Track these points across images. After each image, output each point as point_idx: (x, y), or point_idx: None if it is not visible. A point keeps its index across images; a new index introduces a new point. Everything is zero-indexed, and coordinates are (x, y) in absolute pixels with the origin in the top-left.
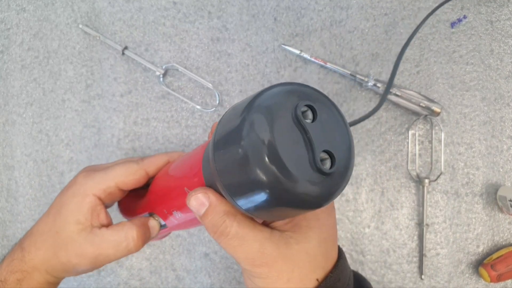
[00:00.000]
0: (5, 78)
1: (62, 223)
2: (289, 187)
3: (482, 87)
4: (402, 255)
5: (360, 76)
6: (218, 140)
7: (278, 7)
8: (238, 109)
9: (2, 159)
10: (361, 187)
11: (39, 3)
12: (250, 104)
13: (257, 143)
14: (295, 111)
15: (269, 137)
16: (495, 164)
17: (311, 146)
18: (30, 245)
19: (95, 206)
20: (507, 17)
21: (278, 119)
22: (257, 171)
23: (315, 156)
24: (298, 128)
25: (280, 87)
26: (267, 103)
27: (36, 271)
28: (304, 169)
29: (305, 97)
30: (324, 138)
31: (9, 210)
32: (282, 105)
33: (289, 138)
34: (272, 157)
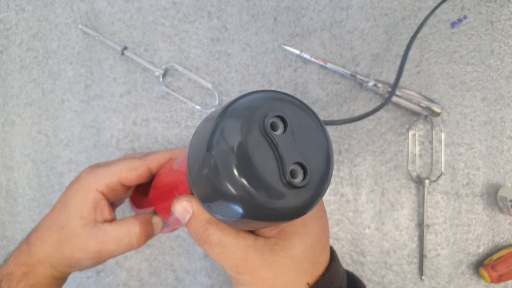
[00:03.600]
0: (4, 79)
1: (66, 217)
2: (260, 202)
3: (482, 87)
4: (402, 256)
5: (360, 77)
6: (191, 151)
7: (278, 7)
8: (209, 120)
9: (1, 159)
10: (361, 188)
11: (38, 3)
12: (221, 115)
13: (225, 155)
14: (262, 122)
15: (239, 149)
16: (495, 165)
17: (280, 159)
18: (36, 239)
19: (98, 201)
20: (507, 17)
21: (249, 131)
22: (226, 184)
23: (284, 170)
24: (267, 141)
25: (252, 95)
26: (237, 114)
27: (41, 265)
28: (275, 183)
29: (275, 107)
30: (296, 149)
31: (8, 211)
32: (252, 117)
33: (259, 151)
34: (241, 170)
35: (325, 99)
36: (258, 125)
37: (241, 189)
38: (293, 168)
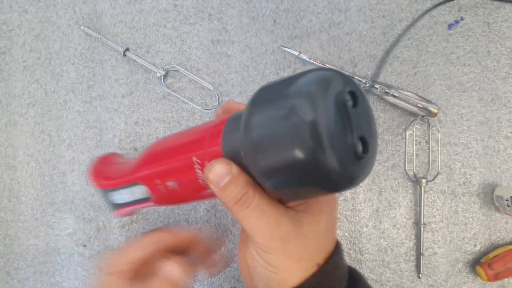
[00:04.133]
0: (7, 79)
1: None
2: (326, 166)
3: (479, 88)
4: (399, 254)
5: (358, 78)
6: (256, 116)
7: (277, 9)
8: (280, 88)
9: (4, 159)
10: (358, 187)
11: (41, 5)
12: (296, 84)
13: (301, 121)
14: (341, 95)
15: (314, 116)
16: (492, 164)
17: (351, 131)
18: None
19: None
20: (504, 18)
21: (327, 101)
22: (298, 148)
23: (353, 141)
24: (341, 112)
25: (322, 72)
26: (312, 86)
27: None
28: (341, 151)
29: (348, 84)
30: (360, 124)
31: (11, 210)
32: (328, 88)
33: (332, 120)
34: (314, 136)
35: None
36: (335, 97)
37: (312, 152)
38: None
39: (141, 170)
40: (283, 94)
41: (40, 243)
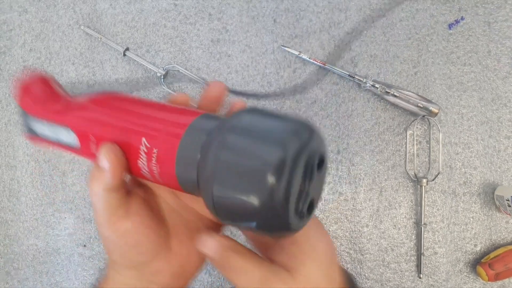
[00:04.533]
0: (7, 79)
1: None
2: (272, 222)
3: (479, 87)
4: (400, 253)
5: (358, 77)
6: (226, 151)
7: (278, 9)
8: (262, 128)
9: (4, 159)
10: (359, 187)
11: (41, 5)
12: (278, 131)
13: (266, 178)
14: (313, 159)
15: (280, 176)
16: (492, 164)
17: (306, 196)
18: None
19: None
20: (504, 18)
21: (295, 163)
22: (254, 200)
23: (304, 205)
24: (305, 177)
25: (306, 129)
26: (291, 143)
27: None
28: (290, 213)
29: (321, 147)
30: (315, 187)
31: (11, 210)
32: (304, 150)
33: (294, 184)
34: (274, 195)
35: (324, 99)
36: (306, 160)
37: (268, 211)
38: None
39: (79, 116)
40: (261, 138)
41: (40, 243)
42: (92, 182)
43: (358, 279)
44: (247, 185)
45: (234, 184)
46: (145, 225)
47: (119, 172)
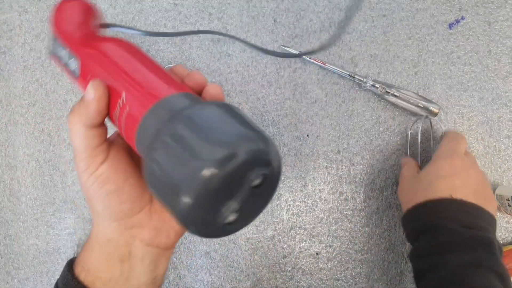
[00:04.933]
0: (7, 79)
1: None
2: (187, 222)
3: (479, 87)
4: (401, 253)
5: (358, 77)
6: (164, 146)
7: (278, 8)
8: (208, 129)
9: (4, 159)
10: (359, 186)
11: (41, 5)
12: (222, 138)
13: (191, 180)
14: (251, 175)
15: (204, 184)
16: (492, 164)
17: (230, 208)
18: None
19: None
20: (504, 18)
21: (225, 173)
22: (176, 196)
23: (224, 216)
24: (239, 187)
25: (254, 132)
26: (232, 155)
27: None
28: (207, 222)
29: (266, 164)
30: (248, 204)
31: (11, 210)
32: (238, 163)
33: (224, 187)
34: (190, 199)
35: (324, 99)
36: (240, 172)
37: (185, 212)
38: (231, 215)
39: (88, 53)
40: (202, 138)
41: (40, 243)
42: (72, 117)
43: (358, 279)
44: (168, 177)
45: (160, 172)
46: (126, 172)
47: (101, 106)
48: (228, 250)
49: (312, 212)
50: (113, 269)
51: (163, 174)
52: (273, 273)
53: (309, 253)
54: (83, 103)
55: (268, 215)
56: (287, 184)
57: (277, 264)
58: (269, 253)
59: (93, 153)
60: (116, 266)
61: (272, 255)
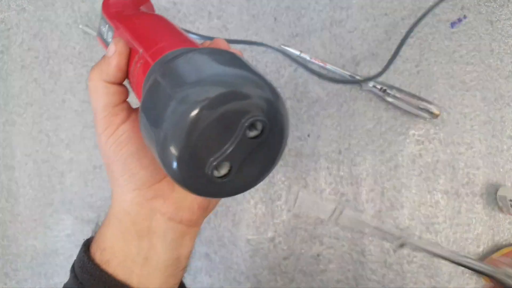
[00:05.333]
0: (5, 79)
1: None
2: (173, 172)
3: (482, 87)
4: (402, 255)
5: (359, 78)
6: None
7: (278, 7)
8: (202, 67)
9: (2, 159)
10: (361, 187)
11: (39, 4)
12: (215, 76)
13: (179, 119)
14: (248, 123)
15: (201, 118)
16: (495, 164)
17: (221, 157)
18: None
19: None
20: (507, 17)
21: (225, 115)
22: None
23: (214, 167)
24: (236, 132)
25: (257, 77)
26: (226, 94)
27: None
28: (193, 171)
29: (261, 110)
30: (244, 155)
31: (9, 210)
32: (231, 106)
33: (223, 129)
34: (175, 142)
35: (325, 98)
36: (233, 118)
37: (169, 154)
38: (222, 166)
39: (122, 22)
40: (190, 79)
41: (38, 244)
42: (93, 73)
43: (360, 281)
44: (156, 113)
45: (147, 120)
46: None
47: (122, 61)
48: (228, 252)
49: (313, 213)
50: (130, 246)
51: (150, 122)
52: (273, 275)
53: (310, 255)
54: (104, 59)
55: (268, 216)
56: (288, 185)
57: (278, 266)
58: (270, 255)
59: (113, 110)
60: (133, 243)
61: (273, 256)
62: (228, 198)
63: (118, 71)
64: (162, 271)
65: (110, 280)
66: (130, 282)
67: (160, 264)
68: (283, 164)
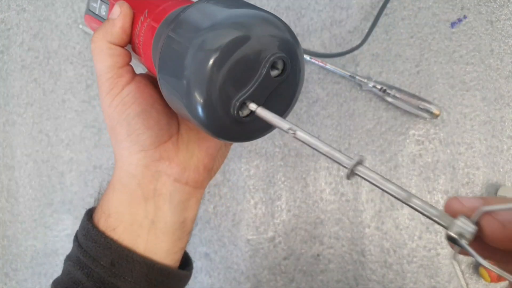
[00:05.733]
0: (5, 79)
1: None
2: (197, 113)
3: (482, 87)
4: (402, 255)
5: (359, 78)
6: (180, 30)
7: (278, 7)
8: (215, 13)
9: (2, 159)
10: (361, 187)
11: (39, 4)
12: (231, 21)
13: (199, 64)
14: (269, 59)
15: (211, 66)
16: (495, 164)
17: (247, 93)
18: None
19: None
20: (507, 17)
21: (249, 54)
22: (184, 81)
23: (242, 106)
24: (259, 72)
25: (276, 19)
26: (240, 37)
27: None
28: (216, 108)
29: (282, 48)
30: (266, 95)
31: (9, 210)
32: (265, 44)
33: (245, 70)
34: (198, 82)
35: (325, 98)
36: (262, 55)
37: (192, 97)
38: (248, 104)
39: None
40: (207, 24)
41: (38, 244)
42: (97, 35)
43: (360, 281)
44: (177, 64)
45: (171, 61)
46: (153, 97)
47: (126, 23)
48: (228, 252)
49: (313, 213)
50: (137, 210)
51: (171, 75)
52: (273, 275)
53: (310, 255)
54: (108, 22)
55: (268, 216)
56: (288, 185)
57: (278, 266)
58: (270, 255)
59: (118, 72)
60: (140, 206)
61: (273, 256)
62: (228, 198)
63: (123, 33)
64: (169, 234)
65: (116, 247)
66: (137, 248)
67: (168, 228)
68: (283, 164)
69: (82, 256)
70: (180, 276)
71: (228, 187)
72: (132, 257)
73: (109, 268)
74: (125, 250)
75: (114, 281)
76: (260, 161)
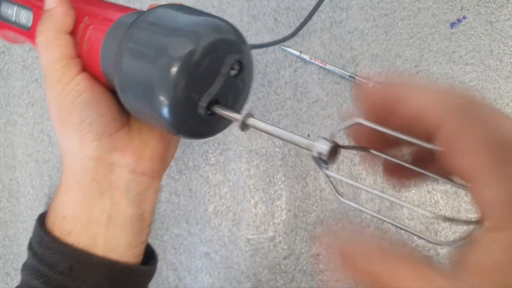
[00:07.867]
0: (6, 79)
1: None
2: (160, 113)
3: (481, 87)
4: None
5: (359, 78)
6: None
7: (279, 7)
8: (173, 22)
9: (3, 159)
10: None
11: None
12: (189, 27)
13: (162, 67)
14: (228, 61)
15: (194, 60)
16: None
17: (214, 97)
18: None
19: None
20: (506, 17)
21: (199, 59)
22: (150, 86)
23: (206, 105)
24: (220, 73)
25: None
26: (201, 40)
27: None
28: (181, 108)
29: (238, 51)
30: (225, 92)
31: (10, 210)
32: (214, 50)
33: (207, 73)
34: (162, 85)
35: (325, 99)
36: (214, 60)
37: (157, 99)
38: (212, 102)
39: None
40: (166, 31)
41: None
42: (42, 27)
43: None
44: (143, 70)
45: (134, 70)
46: (102, 88)
47: (67, 7)
48: (228, 251)
49: (313, 213)
50: (92, 206)
51: (135, 80)
52: (273, 274)
53: (310, 254)
54: (47, 13)
55: (268, 216)
56: (288, 184)
57: (278, 265)
58: (270, 254)
59: (70, 62)
60: (96, 202)
61: (273, 256)
62: (228, 198)
63: (67, 17)
64: (128, 229)
65: (73, 251)
66: (95, 248)
67: (126, 222)
68: (283, 164)
69: (38, 264)
70: (142, 271)
71: (228, 187)
72: (91, 259)
73: (68, 273)
74: (83, 254)
75: (74, 285)
76: (260, 161)
